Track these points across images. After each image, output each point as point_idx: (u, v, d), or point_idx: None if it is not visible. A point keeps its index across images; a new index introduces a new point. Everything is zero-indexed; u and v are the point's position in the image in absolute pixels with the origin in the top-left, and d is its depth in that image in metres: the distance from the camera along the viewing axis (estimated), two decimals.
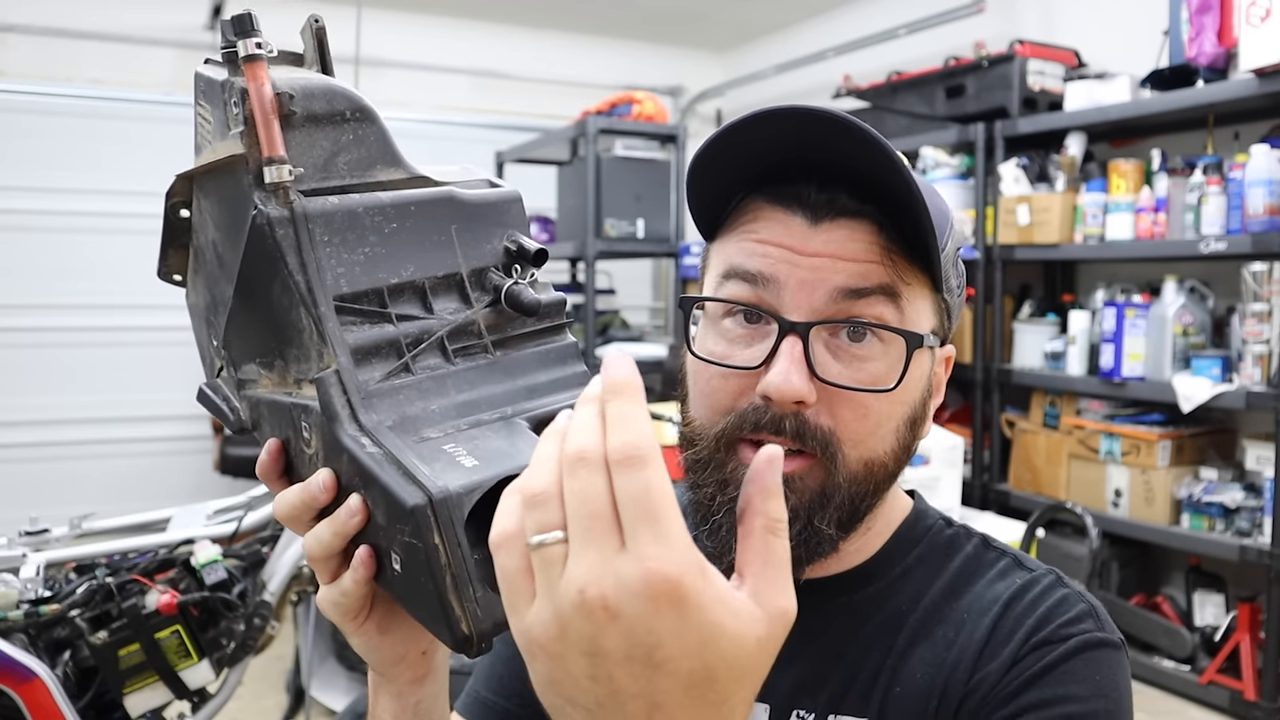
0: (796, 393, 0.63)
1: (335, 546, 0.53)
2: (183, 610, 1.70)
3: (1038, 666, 0.64)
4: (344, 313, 0.53)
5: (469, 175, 0.62)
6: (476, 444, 0.53)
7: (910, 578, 0.73)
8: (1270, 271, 2.84)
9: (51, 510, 2.00)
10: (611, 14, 5.17)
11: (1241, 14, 2.77)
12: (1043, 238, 3.41)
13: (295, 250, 0.53)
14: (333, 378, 0.52)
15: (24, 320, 4.39)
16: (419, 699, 0.63)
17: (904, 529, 0.75)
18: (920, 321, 0.67)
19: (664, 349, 4.36)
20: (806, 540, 0.65)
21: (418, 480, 0.48)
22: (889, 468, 0.68)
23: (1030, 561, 0.73)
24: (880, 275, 0.65)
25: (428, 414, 0.54)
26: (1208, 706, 2.96)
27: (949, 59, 3.80)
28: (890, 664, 0.69)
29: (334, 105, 0.55)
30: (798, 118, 0.62)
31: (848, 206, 0.65)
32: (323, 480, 0.53)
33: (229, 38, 0.53)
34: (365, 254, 0.55)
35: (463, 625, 0.48)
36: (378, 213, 0.55)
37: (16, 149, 4.32)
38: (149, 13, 4.52)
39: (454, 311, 0.57)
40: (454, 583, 0.48)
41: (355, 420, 0.52)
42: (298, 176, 0.53)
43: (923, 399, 0.70)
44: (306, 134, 0.54)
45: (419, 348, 0.55)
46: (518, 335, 0.59)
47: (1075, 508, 2.88)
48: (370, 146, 0.56)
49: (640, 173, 4.22)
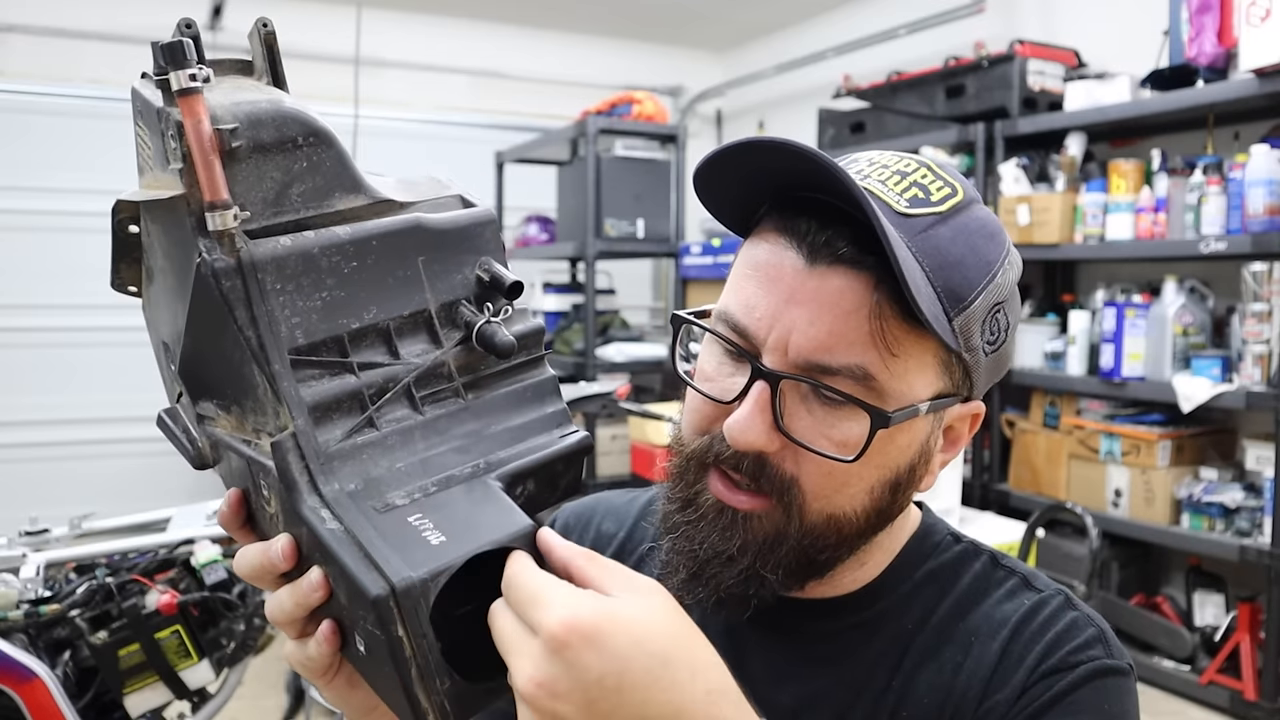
0: (751, 444, 0.61)
1: (296, 615, 0.51)
2: (183, 610, 1.70)
3: (1047, 696, 0.63)
4: (301, 365, 0.49)
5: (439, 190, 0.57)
6: (444, 513, 0.49)
7: (918, 595, 0.71)
8: (1270, 271, 2.83)
9: (51, 510, 2.00)
10: (611, 14, 5.17)
11: (1241, 14, 2.77)
12: (1043, 238, 3.40)
13: (244, 304, 0.48)
14: (289, 442, 0.48)
15: (24, 320, 4.39)
16: None
17: (912, 544, 0.73)
18: (911, 388, 0.62)
19: (664, 349, 4.36)
20: (748, 580, 0.64)
21: (378, 566, 0.45)
22: (858, 525, 0.65)
23: (1039, 581, 0.71)
24: (864, 341, 0.60)
25: (393, 474, 0.50)
26: (1208, 706, 2.95)
27: (949, 59, 3.79)
28: (897, 685, 0.67)
29: (284, 132, 0.49)
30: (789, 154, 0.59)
31: (845, 255, 0.60)
32: (282, 548, 0.50)
33: (160, 64, 0.47)
34: (322, 299, 0.50)
35: (430, 718, 0.46)
36: (335, 251, 0.50)
37: (16, 149, 4.32)
38: (149, 13, 4.49)
39: (421, 354, 0.53)
40: (419, 674, 0.45)
41: (315, 490, 0.48)
42: (243, 220, 0.48)
43: (909, 465, 0.65)
44: (254, 165, 0.49)
45: (383, 399, 0.51)
46: (491, 374, 0.55)
47: (1075, 508, 2.88)
48: (326, 173, 0.51)
49: (640, 173, 4.23)
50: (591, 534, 0.85)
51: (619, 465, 3.89)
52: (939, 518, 0.78)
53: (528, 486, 0.54)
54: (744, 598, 0.65)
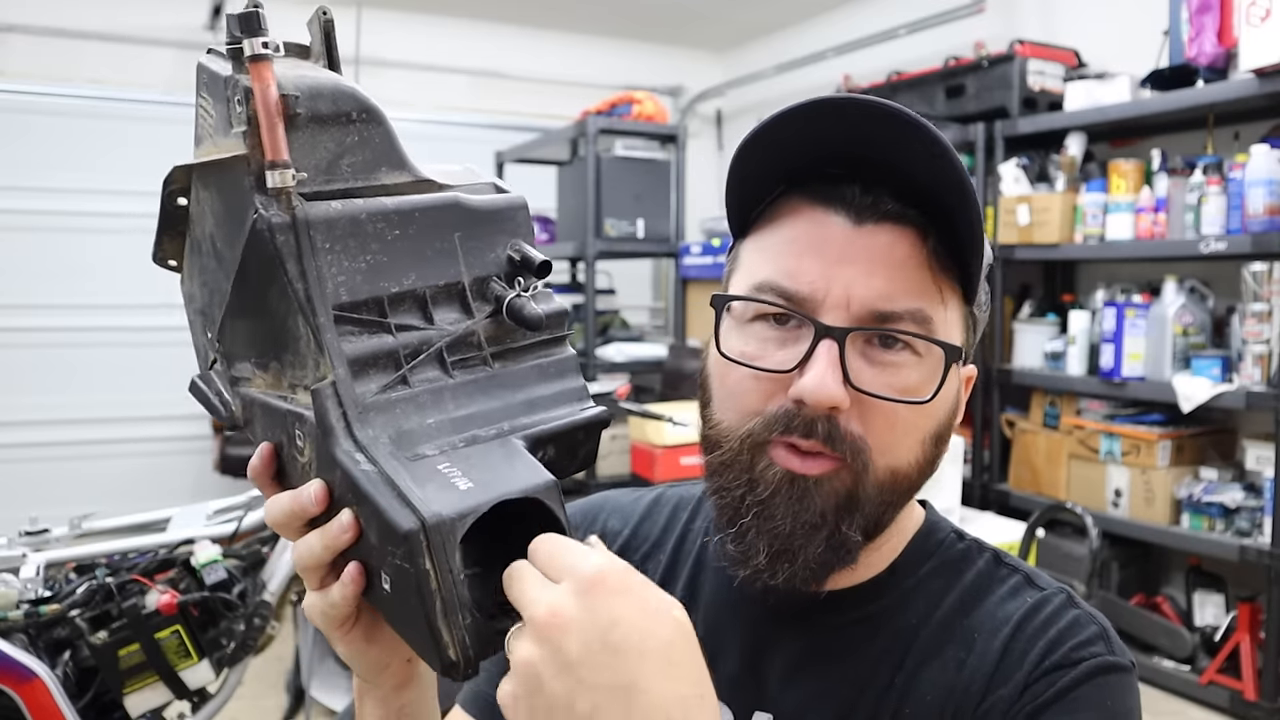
0: (832, 398, 0.61)
1: (324, 559, 0.53)
2: (183, 610, 1.70)
3: (1050, 693, 0.63)
4: (342, 322, 0.52)
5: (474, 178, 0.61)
6: (472, 464, 0.52)
7: (922, 592, 0.71)
8: (1270, 271, 2.84)
9: (51, 510, 2.00)
10: (611, 14, 5.17)
11: (1241, 14, 2.77)
12: (1043, 238, 3.40)
13: (295, 258, 0.51)
14: (329, 390, 0.51)
15: (24, 320, 4.39)
16: (403, 704, 0.63)
17: (917, 541, 0.74)
18: (953, 335, 0.66)
19: (664, 349, 4.36)
20: (834, 546, 0.64)
21: (411, 503, 0.47)
22: (913, 479, 0.66)
23: (1042, 580, 0.71)
24: (920, 288, 0.63)
25: (424, 429, 0.53)
26: (1208, 706, 2.95)
27: (949, 59, 3.80)
28: (899, 682, 0.68)
29: (340, 106, 0.53)
30: (852, 110, 0.60)
31: (891, 210, 0.63)
32: (315, 492, 0.52)
33: (234, 34, 0.51)
34: (367, 262, 0.53)
35: (450, 651, 0.48)
36: (381, 219, 0.54)
37: (16, 149, 4.32)
38: (149, 13, 4.51)
39: (454, 322, 0.56)
40: (444, 609, 0.48)
41: (350, 435, 0.51)
42: (300, 180, 0.51)
43: (949, 415, 0.68)
44: (310, 135, 0.52)
45: (417, 359, 0.54)
46: (517, 347, 0.58)
47: (1075, 508, 2.88)
48: (375, 148, 0.55)
49: (640, 173, 4.22)
50: (597, 531, 0.85)
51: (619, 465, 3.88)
52: (942, 516, 0.78)
53: (549, 451, 0.57)
54: (829, 566, 0.65)
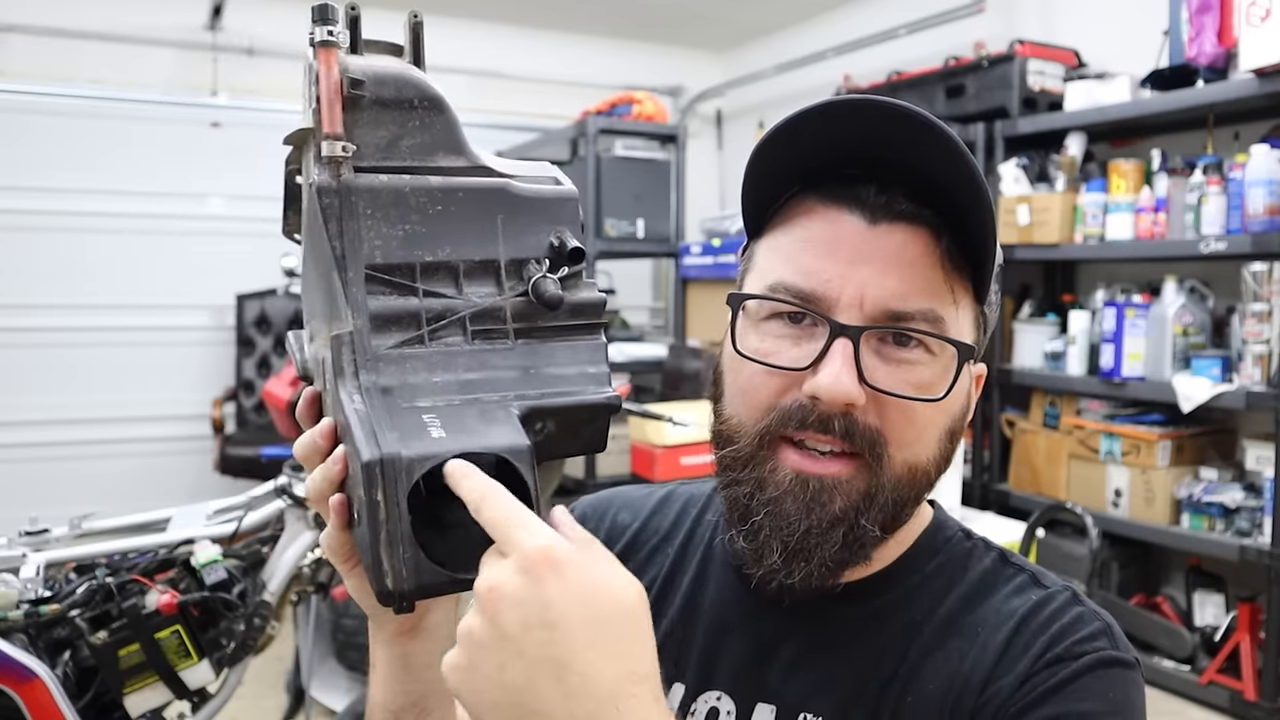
0: (848, 395, 0.62)
1: (324, 490, 0.56)
2: (183, 610, 1.70)
3: (1052, 682, 0.64)
4: (375, 281, 0.57)
5: (541, 172, 0.64)
6: (454, 420, 0.55)
7: (928, 587, 0.72)
8: (1270, 271, 2.83)
9: (51, 510, 2.00)
10: (611, 14, 5.17)
11: (1241, 14, 2.77)
12: (1043, 238, 3.40)
13: (336, 219, 0.56)
14: (345, 337, 0.56)
15: (24, 320, 4.39)
16: (407, 652, 0.65)
17: (925, 538, 0.75)
18: (965, 334, 0.67)
19: (664, 349, 4.36)
20: (850, 542, 0.65)
21: (377, 440, 0.51)
22: (930, 475, 0.68)
23: (1047, 579, 0.72)
24: (933, 288, 0.64)
25: (429, 385, 0.56)
26: (1208, 706, 2.95)
27: (949, 59, 3.80)
28: (903, 673, 0.68)
29: (403, 93, 0.59)
30: (868, 111, 0.62)
31: (905, 210, 0.64)
32: (323, 426, 0.57)
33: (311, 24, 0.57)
34: (405, 230, 0.58)
35: (388, 580, 0.51)
36: (424, 194, 0.58)
37: (16, 149, 4.32)
38: (149, 13, 4.51)
39: (485, 296, 0.59)
40: (387, 539, 0.51)
41: (355, 378, 0.55)
42: (351, 153, 0.56)
43: (962, 412, 0.69)
44: (374, 116, 0.58)
45: (439, 323, 0.58)
46: (546, 328, 0.61)
47: (1075, 508, 2.88)
48: (435, 133, 0.59)
49: (640, 173, 4.22)
50: (607, 524, 0.86)
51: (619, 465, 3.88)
52: (950, 515, 0.79)
53: (548, 425, 0.59)
54: (844, 563, 0.66)
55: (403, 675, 0.66)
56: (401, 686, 0.66)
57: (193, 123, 4.55)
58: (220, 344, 4.70)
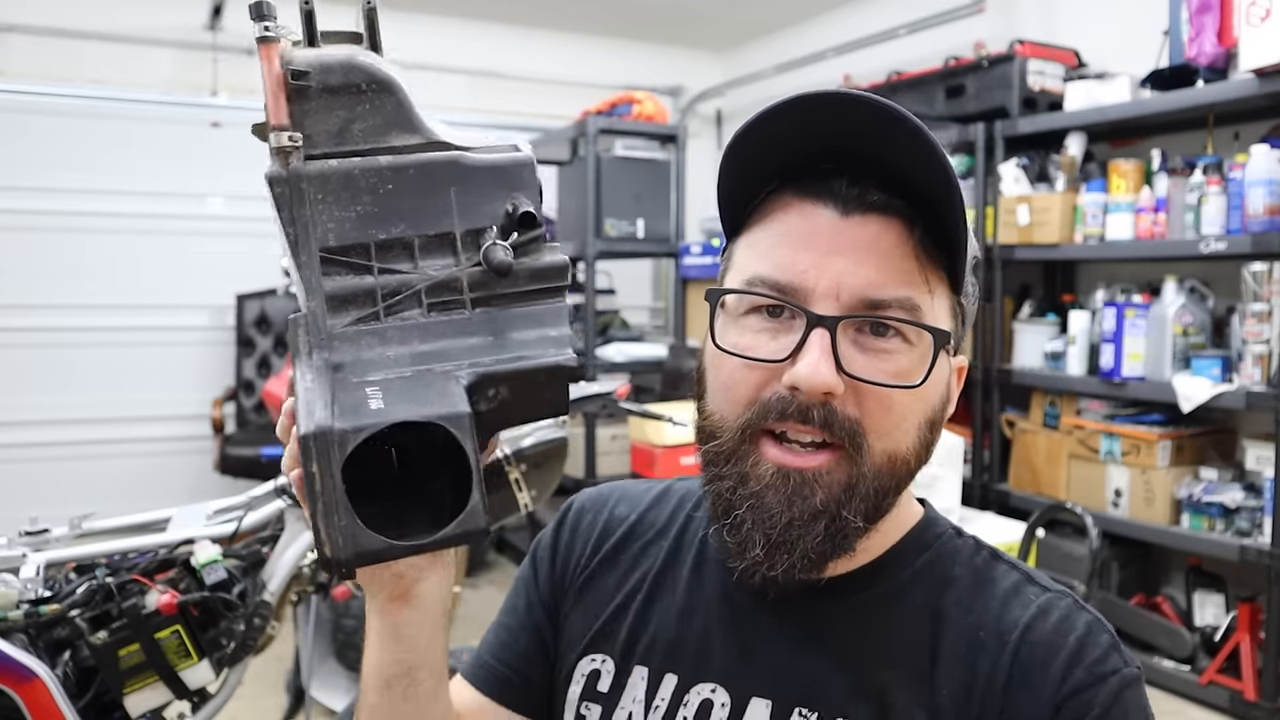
0: (826, 384, 0.63)
1: (289, 467, 0.58)
2: (183, 610, 1.70)
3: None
4: (330, 263, 0.58)
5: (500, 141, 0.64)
6: (397, 392, 0.56)
7: (919, 583, 0.72)
8: (1270, 271, 2.83)
9: (51, 510, 2.00)
10: (611, 14, 5.17)
11: (1241, 14, 2.77)
12: (1043, 238, 3.40)
13: (288, 206, 0.58)
14: (300, 319, 0.58)
15: (24, 320, 4.39)
16: (399, 622, 0.66)
17: (915, 533, 0.75)
18: (941, 322, 0.67)
19: (664, 349, 4.36)
20: (833, 534, 0.65)
21: (314, 414, 0.53)
22: (910, 464, 0.68)
23: (1040, 578, 0.72)
24: (908, 277, 0.65)
25: (382, 359, 0.58)
26: (1208, 706, 2.95)
27: (949, 59, 3.79)
28: (900, 673, 0.68)
29: (350, 78, 0.59)
30: (838, 106, 0.62)
31: (878, 202, 0.65)
32: (287, 406, 0.59)
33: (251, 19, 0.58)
34: (358, 211, 0.59)
35: (325, 548, 0.53)
36: (373, 174, 0.59)
37: (16, 149, 4.32)
38: (149, 13, 4.51)
39: (441, 269, 0.60)
40: (324, 509, 0.52)
41: (309, 357, 0.57)
42: (300, 142, 0.57)
43: (941, 402, 0.70)
44: (323, 104, 0.59)
45: (394, 299, 0.59)
46: (505, 295, 0.61)
47: (1075, 508, 2.88)
48: (386, 114, 0.60)
49: (640, 173, 4.22)
50: (605, 516, 0.87)
51: (619, 465, 3.89)
52: (940, 513, 0.79)
53: (500, 392, 0.60)
54: (827, 555, 0.66)
55: (394, 644, 0.67)
56: (392, 655, 0.67)
57: (192, 123, 4.55)
58: (220, 344, 4.71)
